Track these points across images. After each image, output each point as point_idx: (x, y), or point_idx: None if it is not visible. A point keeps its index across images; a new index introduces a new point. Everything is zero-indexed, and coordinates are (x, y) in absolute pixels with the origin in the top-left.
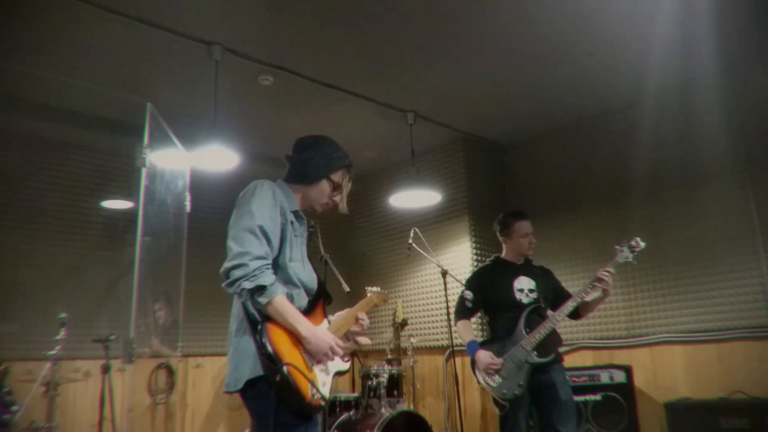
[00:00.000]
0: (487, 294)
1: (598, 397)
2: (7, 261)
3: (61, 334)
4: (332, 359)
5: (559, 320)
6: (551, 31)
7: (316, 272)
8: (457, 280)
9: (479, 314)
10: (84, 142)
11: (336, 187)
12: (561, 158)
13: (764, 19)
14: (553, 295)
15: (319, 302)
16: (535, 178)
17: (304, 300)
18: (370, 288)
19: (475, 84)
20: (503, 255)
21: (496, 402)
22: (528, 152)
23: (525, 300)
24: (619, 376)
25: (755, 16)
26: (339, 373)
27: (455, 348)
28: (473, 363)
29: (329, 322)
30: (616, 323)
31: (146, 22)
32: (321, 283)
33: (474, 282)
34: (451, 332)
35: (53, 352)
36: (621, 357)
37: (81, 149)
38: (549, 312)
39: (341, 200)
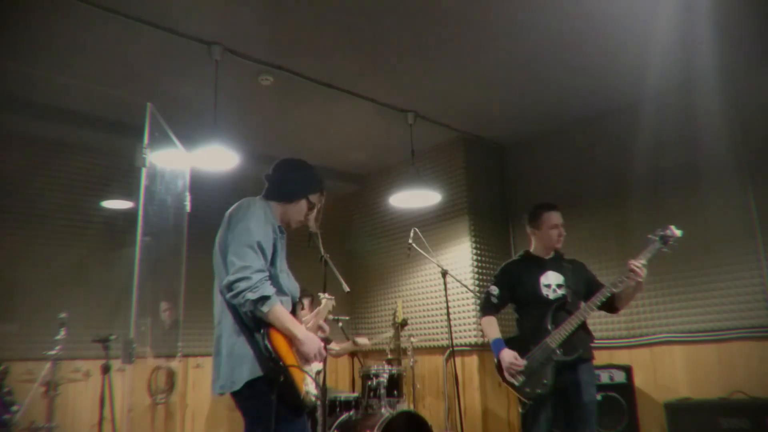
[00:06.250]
0: (514, 290)
1: (598, 397)
2: (7, 261)
3: (61, 334)
4: (320, 360)
5: (587, 314)
6: (551, 32)
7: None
8: (457, 280)
9: (510, 310)
10: (84, 142)
11: (311, 207)
12: (561, 158)
13: (764, 19)
14: (585, 289)
15: (296, 309)
16: (535, 178)
17: (289, 307)
18: (322, 294)
19: (475, 84)
20: (532, 249)
21: (519, 399)
22: (528, 152)
23: (552, 296)
24: (619, 376)
25: (755, 16)
26: (317, 373)
27: (455, 348)
28: (498, 362)
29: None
30: (616, 323)
31: (146, 22)
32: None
33: (501, 277)
34: (451, 332)
35: (53, 352)
36: (621, 357)
37: (81, 149)
38: (581, 305)
39: (312, 219)
